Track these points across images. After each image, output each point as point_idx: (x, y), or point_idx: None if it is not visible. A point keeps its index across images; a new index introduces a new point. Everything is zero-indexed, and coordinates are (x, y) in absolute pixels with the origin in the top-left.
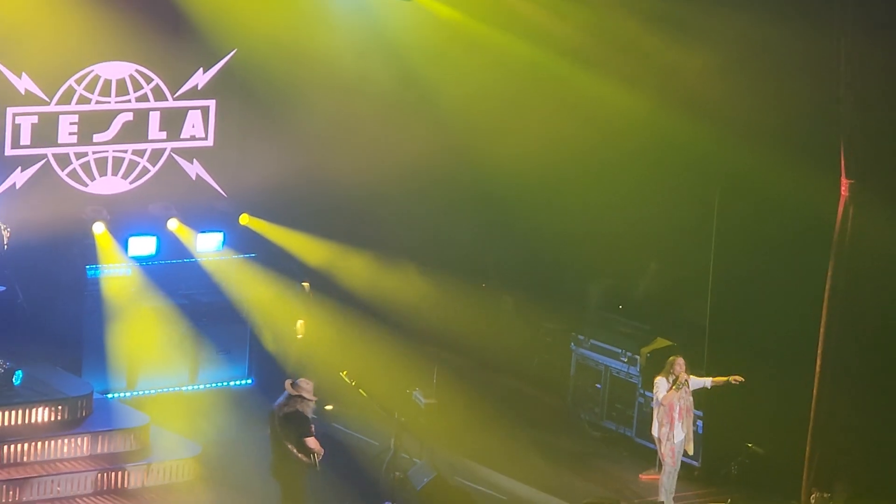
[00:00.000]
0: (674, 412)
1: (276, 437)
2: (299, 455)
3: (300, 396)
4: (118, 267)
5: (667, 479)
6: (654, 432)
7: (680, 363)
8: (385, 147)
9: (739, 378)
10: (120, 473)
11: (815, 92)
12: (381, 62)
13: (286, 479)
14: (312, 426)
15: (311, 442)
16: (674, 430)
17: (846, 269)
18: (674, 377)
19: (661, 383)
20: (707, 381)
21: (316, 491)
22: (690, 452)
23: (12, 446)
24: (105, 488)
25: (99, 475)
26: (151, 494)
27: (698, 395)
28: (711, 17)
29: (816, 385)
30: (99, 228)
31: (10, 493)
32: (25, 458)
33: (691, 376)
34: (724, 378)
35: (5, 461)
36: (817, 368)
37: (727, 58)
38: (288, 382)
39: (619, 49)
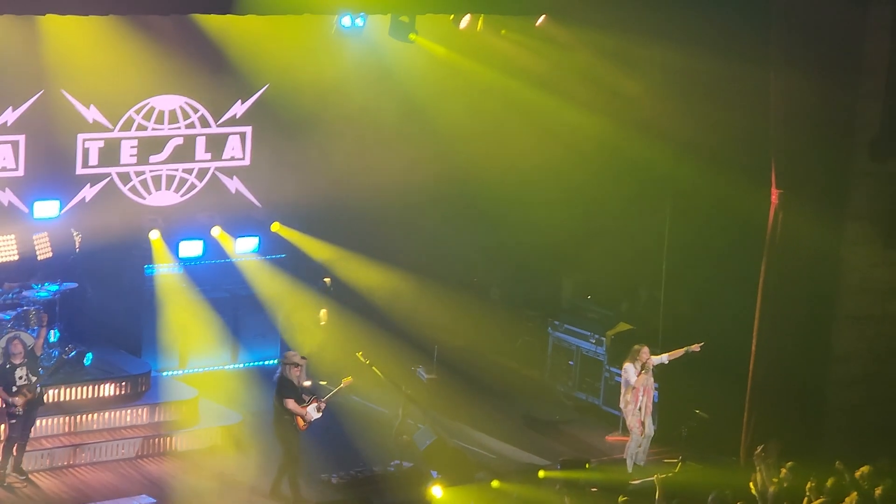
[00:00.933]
0: (639, 392)
1: (274, 402)
2: (286, 417)
3: (285, 363)
4: (170, 266)
5: (633, 445)
6: (621, 405)
7: (645, 351)
8: (391, 167)
9: (696, 347)
10: (173, 438)
11: (748, 115)
12: (387, 94)
13: (281, 437)
14: (301, 393)
15: (290, 404)
16: (639, 405)
17: (777, 265)
18: (640, 363)
19: (630, 369)
20: (664, 358)
21: (334, 451)
22: (651, 425)
23: (84, 416)
24: (161, 451)
25: (156, 440)
26: (200, 456)
27: (655, 370)
28: (658, 50)
29: (752, 361)
30: (154, 235)
31: (82, 455)
32: (95, 427)
33: (651, 356)
34: (682, 350)
35: (78, 429)
36: (753, 348)
37: (673, 86)
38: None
39: (581, 79)
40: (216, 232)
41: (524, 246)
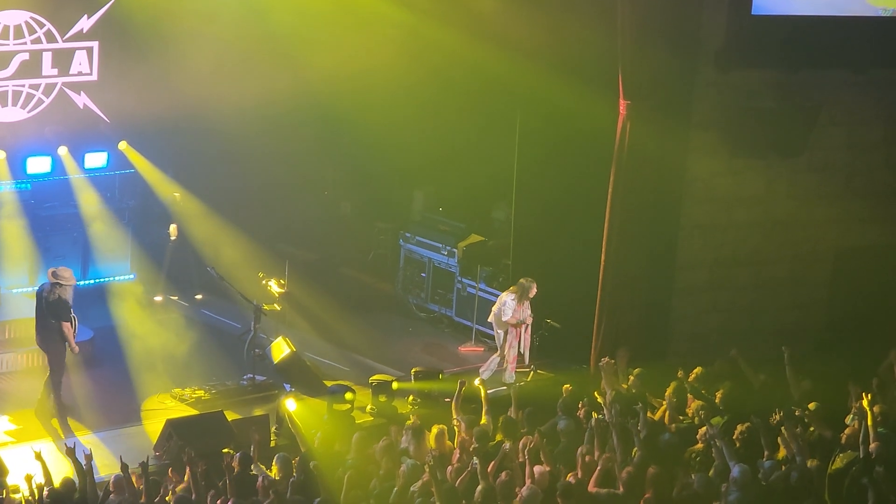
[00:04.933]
0: (521, 328)
1: (42, 316)
2: (61, 333)
3: (59, 284)
4: (18, 183)
5: (497, 361)
6: (496, 331)
7: (534, 288)
8: (241, 82)
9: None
10: (21, 356)
11: (596, 26)
12: (237, 9)
13: (50, 350)
14: (72, 310)
15: (66, 328)
16: (518, 340)
17: (624, 176)
18: (520, 296)
19: (509, 303)
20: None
21: (188, 366)
22: (527, 360)
23: None
24: (10, 369)
25: (7, 357)
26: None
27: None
28: None
29: (602, 271)
30: (0, 153)
31: None
32: None
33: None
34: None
35: None
36: (602, 257)
37: None
38: (50, 272)
39: None
40: (62, 151)
41: (375, 160)
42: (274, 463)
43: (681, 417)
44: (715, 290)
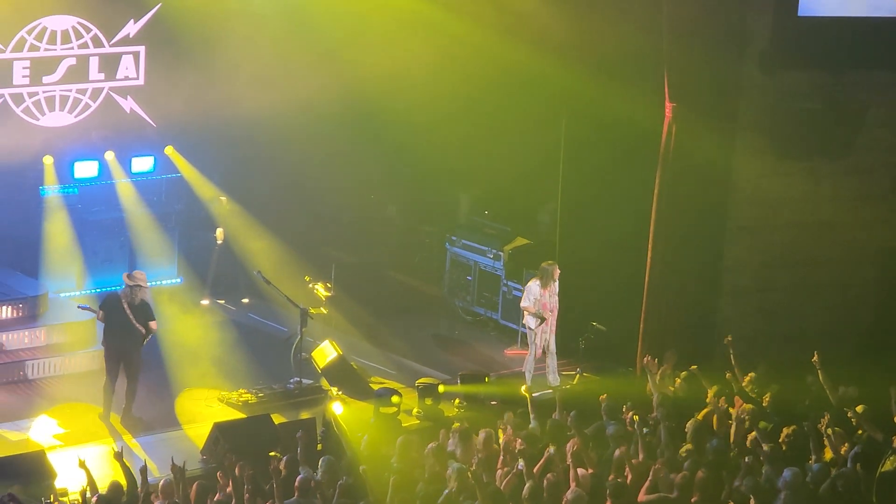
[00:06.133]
0: (546, 311)
1: (129, 322)
2: (145, 334)
3: (139, 286)
4: (65, 188)
5: (532, 360)
6: (531, 325)
7: (558, 270)
8: (286, 86)
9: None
10: (70, 359)
11: (641, 28)
12: (282, 14)
13: (134, 358)
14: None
15: (154, 325)
16: (548, 324)
17: (670, 178)
18: (552, 280)
19: (532, 287)
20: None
21: (235, 369)
22: (552, 347)
23: None
24: (59, 372)
25: (53, 361)
26: (97, 377)
27: None
28: None
29: (647, 274)
30: (48, 158)
31: None
32: None
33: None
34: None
35: None
36: (648, 260)
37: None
38: (126, 276)
39: None
40: (109, 156)
41: (421, 163)
42: (320, 466)
43: (729, 421)
44: (761, 292)
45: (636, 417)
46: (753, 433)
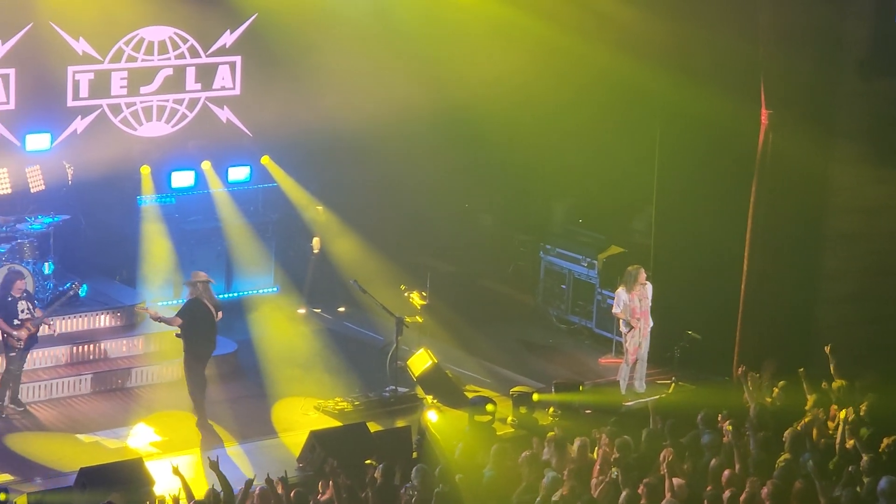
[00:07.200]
0: (635, 317)
1: (214, 322)
2: None
3: (209, 282)
4: (162, 197)
5: (626, 368)
6: (624, 331)
7: (642, 273)
8: (382, 96)
9: None
10: (168, 368)
11: (738, 35)
12: (377, 23)
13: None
14: None
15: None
16: (638, 329)
17: (767, 185)
18: (639, 284)
19: (620, 294)
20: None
21: (331, 377)
22: (644, 349)
23: (79, 347)
24: (156, 380)
25: (151, 370)
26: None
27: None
28: None
29: (744, 282)
30: (145, 168)
31: (80, 385)
32: (91, 357)
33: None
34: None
35: (74, 360)
36: (744, 268)
37: (662, 8)
38: (195, 275)
39: (569, 2)
40: (206, 166)
41: (515, 172)
42: (414, 474)
43: (828, 431)
44: (861, 300)
45: (729, 427)
46: (852, 441)
